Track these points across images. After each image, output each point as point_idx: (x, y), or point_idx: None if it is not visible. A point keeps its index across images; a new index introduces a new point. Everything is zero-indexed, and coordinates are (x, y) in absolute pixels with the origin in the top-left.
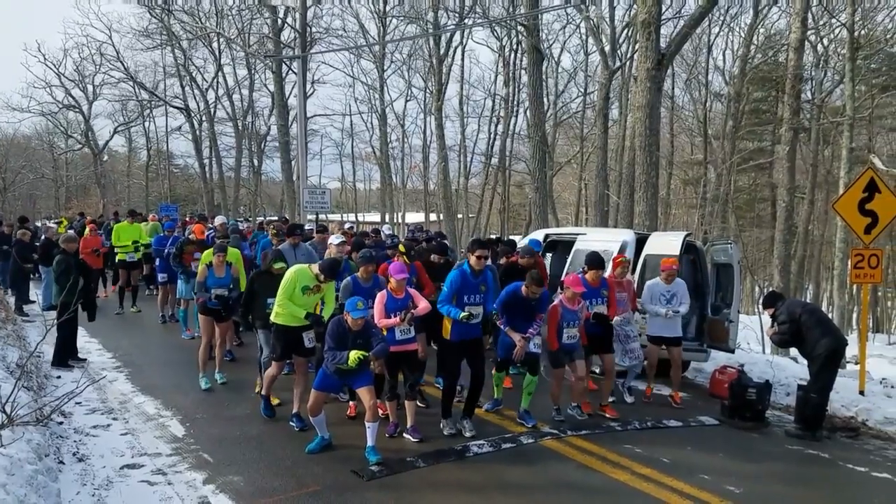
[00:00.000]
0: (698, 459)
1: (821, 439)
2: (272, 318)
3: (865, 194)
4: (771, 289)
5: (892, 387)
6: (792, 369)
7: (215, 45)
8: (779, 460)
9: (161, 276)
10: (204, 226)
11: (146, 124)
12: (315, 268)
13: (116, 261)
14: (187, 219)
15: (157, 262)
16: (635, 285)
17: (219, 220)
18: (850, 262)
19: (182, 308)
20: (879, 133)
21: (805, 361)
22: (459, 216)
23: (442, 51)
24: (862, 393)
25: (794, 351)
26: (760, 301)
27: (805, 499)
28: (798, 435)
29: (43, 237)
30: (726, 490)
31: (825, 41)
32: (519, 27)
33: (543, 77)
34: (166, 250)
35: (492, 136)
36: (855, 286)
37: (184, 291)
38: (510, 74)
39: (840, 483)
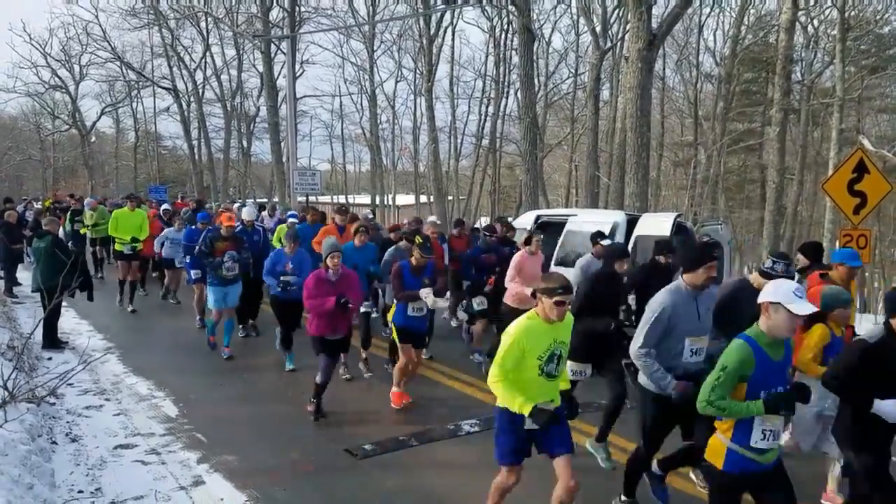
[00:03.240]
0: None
1: None
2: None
3: (854, 175)
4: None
5: None
6: None
7: (203, 24)
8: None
9: (194, 273)
10: (231, 215)
11: (134, 105)
12: None
13: (113, 250)
14: (179, 201)
15: (189, 258)
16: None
17: (246, 213)
18: (838, 243)
19: (212, 319)
20: (868, 114)
21: None
22: (450, 198)
23: (432, 31)
24: None
25: None
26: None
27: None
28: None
29: (31, 218)
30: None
31: (815, 22)
32: (510, 7)
33: (534, 58)
34: (197, 247)
35: (482, 117)
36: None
37: (213, 301)
38: (501, 55)
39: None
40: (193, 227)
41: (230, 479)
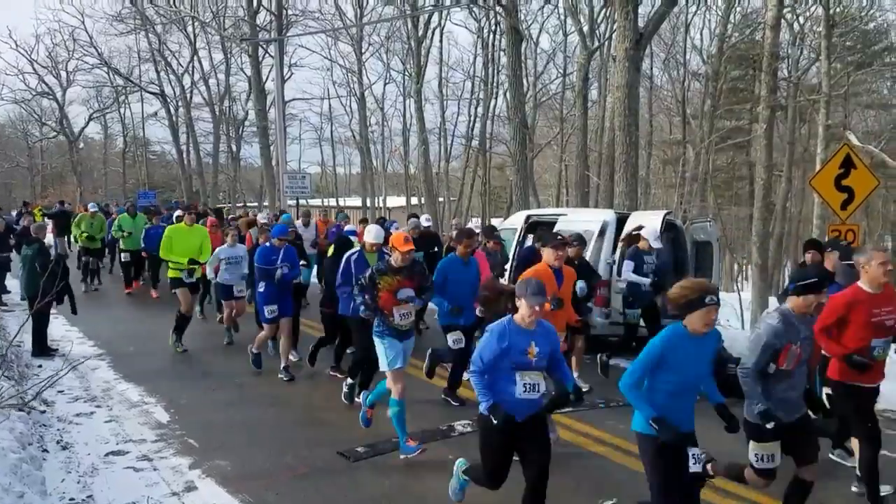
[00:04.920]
0: None
1: None
2: None
3: (842, 170)
4: None
5: None
6: None
7: (190, 29)
8: None
9: (269, 311)
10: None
11: (122, 111)
12: None
13: (169, 277)
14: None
15: (263, 286)
16: (616, 264)
17: (374, 235)
18: (826, 238)
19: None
20: (855, 110)
21: None
22: (441, 200)
23: (420, 32)
24: None
25: None
26: None
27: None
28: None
29: (21, 225)
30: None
31: (801, 19)
32: (497, 8)
33: (522, 58)
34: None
35: (472, 118)
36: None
37: (389, 361)
38: (489, 56)
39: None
40: (268, 244)
41: (223, 484)
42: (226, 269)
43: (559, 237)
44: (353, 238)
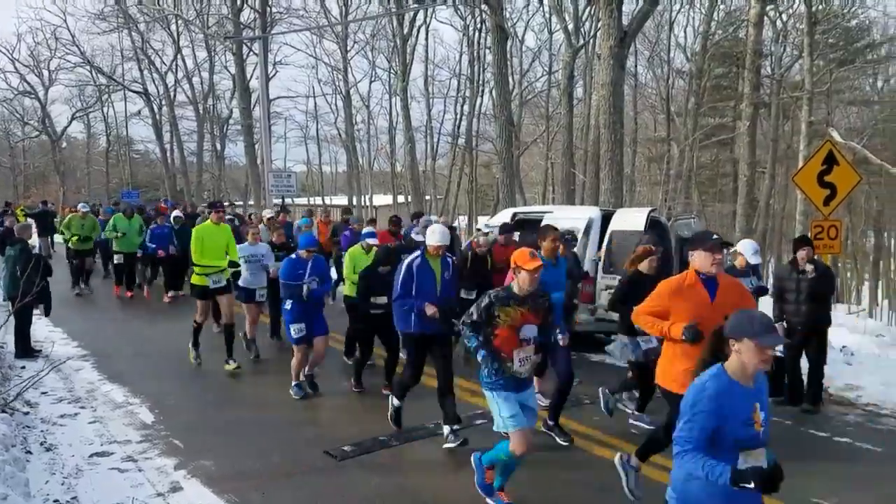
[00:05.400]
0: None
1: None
2: None
3: (824, 167)
4: None
5: (852, 354)
6: None
7: (173, 27)
8: None
9: (295, 330)
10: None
11: (105, 109)
12: None
13: (192, 285)
14: (162, 205)
15: (290, 304)
16: (601, 261)
17: (440, 237)
18: (810, 234)
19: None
20: (838, 107)
21: None
22: (427, 198)
23: (406, 30)
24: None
25: None
26: None
27: None
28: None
29: (3, 226)
30: None
31: (784, 16)
32: (482, 6)
33: (508, 56)
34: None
35: (458, 116)
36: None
37: (508, 421)
38: (475, 54)
39: (803, 447)
40: (294, 257)
41: (208, 484)
42: (247, 268)
43: (715, 236)
44: (373, 241)
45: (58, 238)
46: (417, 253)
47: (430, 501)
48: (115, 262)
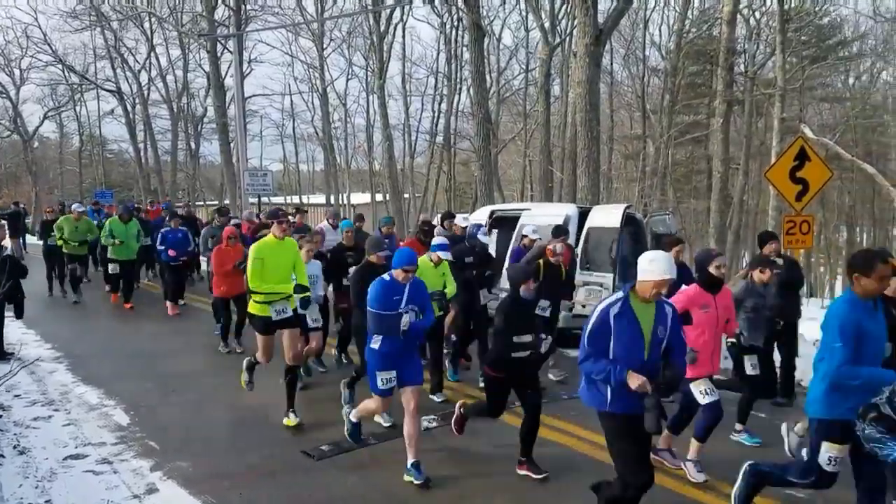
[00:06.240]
0: None
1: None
2: None
3: (796, 163)
4: None
5: None
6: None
7: (147, 24)
8: None
9: (384, 381)
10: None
11: (77, 109)
12: None
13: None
14: (150, 208)
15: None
16: (578, 257)
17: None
18: (782, 229)
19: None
20: (810, 103)
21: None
22: (406, 196)
23: (382, 28)
24: (797, 355)
25: None
26: None
27: (740, 455)
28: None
29: None
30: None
31: (757, 14)
32: (459, 3)
33: (485, 54)
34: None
35: (436, 114)
36: (788, 252)
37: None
38: (452, 52)
39: (777, 439)
40: (387, 278)
41: (185, 485)
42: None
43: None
44: (445, 255)
45: (31, 238)
46: (619, 295)
47: (406, 500)
48: (110, 271)
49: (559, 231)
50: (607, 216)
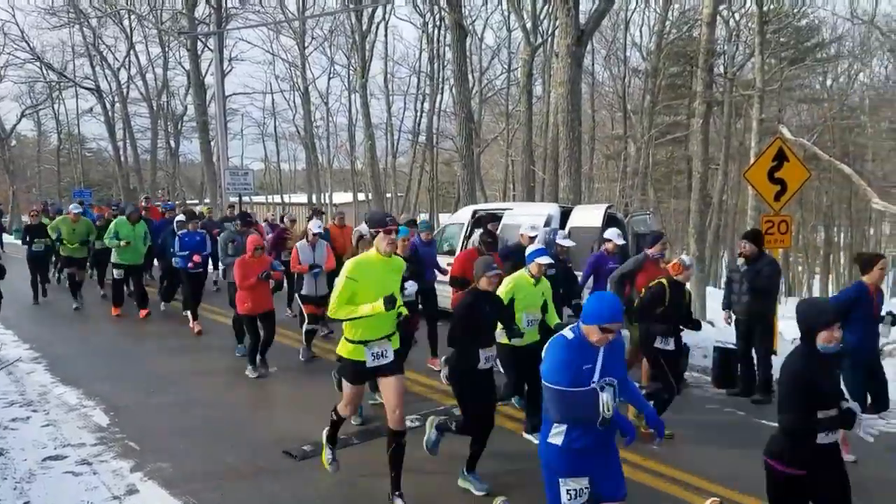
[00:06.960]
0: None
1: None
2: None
3: (775, 163)
4: None
5: None
6: (707, 332)
7: (126, 22)
8: (697, 418)
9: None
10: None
11: (55, 107)
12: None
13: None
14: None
15: None
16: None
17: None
18: (761, 229)
19: None
20: (788, 104)
21: (720, 325)
22: (388, 195)
23: (364, 27)
24: (775, 353)
25: (709, 314)
26: None
27: (722, 454)
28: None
29: None
30: (648, 449)
31: (736, 16)
32: (441, 3)
33: (467, 54)
34: None
35: (418, 113)
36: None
37: None
38: (434, 51)
39: (754, 437)
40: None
41: (165, 486)
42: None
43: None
44: (544, 260)
45: (7, 238)
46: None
47: (387, 500)
48: (116, 276)
49: (657, 237)
50: (589, 216)
